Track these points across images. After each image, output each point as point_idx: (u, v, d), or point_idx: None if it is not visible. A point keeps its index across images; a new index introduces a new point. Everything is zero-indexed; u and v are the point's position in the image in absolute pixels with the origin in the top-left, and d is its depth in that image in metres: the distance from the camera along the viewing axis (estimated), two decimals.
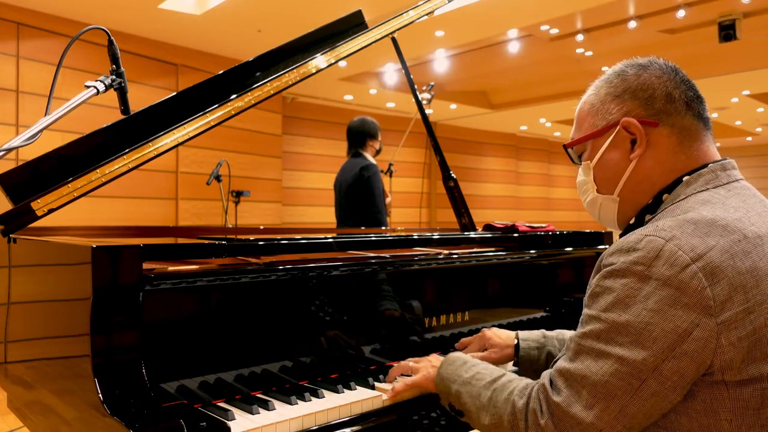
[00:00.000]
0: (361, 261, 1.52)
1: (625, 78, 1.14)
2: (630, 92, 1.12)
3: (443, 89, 10.07)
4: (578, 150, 1.21)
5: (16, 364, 1.46)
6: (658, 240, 0.94)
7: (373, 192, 3.91)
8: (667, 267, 0.91)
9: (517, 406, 1.04)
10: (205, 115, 1.57)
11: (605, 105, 1.15)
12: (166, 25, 7.01)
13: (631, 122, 1.10)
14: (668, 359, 0.90)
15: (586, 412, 0.94)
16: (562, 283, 2.13)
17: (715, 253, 0.92)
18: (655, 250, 0.93)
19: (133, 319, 1.09)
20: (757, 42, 7.80)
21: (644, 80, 1.12)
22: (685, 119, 1.10)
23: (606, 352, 0.95)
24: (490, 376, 1.15)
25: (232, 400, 1.23)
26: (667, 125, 1.09)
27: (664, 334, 0.90)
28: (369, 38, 2.01)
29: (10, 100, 6.30)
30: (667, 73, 1.12)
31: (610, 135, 1.14)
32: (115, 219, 6.70)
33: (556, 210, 15.67)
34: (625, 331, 0.93)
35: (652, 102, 1.10)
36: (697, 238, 0.93)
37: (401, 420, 1.31)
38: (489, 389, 1.12)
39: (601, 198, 1.18)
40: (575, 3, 6.61)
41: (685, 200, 1.04)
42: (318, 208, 10.18)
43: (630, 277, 0.95)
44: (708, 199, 1.02)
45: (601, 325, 0.96)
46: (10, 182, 1.47)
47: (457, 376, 1.19)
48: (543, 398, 1.01)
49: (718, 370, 0.90)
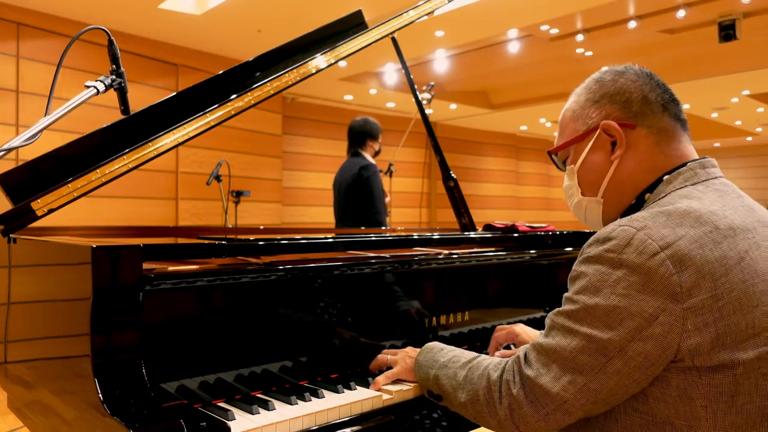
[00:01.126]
0: (361, 261, 1.52)
1: (603, 84, 1.18)
2: (608, 97, 1.16)
3: (443, 89, 10.07)
4: (562, 156, 1.27)
5: (16, 364, 1.46)
6: (629, 229, 0.99)
7: (372, 192, 3.91)
8: (637, 254, 0.96)
9: (492, 378, 1.11)
10: (205, 115, 1.57)
11: (585, 110, 1.19)
12: (166, 25, 7.01)
13: (610, 125, 1.14)
14: (634, 341, 0.95)
15: (554, 383, 1.01)
16: (562, 283, 2.12)
17: (684, 242, 0.95)
18: (626, 239, 0.98)
19: (133, 319, 1.09)
20: (757, 42, 7.80)
21: (621, 85, 1.16)
22: (662, 120, 1.14)
23: (575, 330, 1.01)
24: (465, 358, 1.21)
25: (232, 400, 1.23)
26: (645, 126, 1.14)
27: (630, 316, 0.95)
28: (369, 38, 2.01)
29: (10, 100, 6.30)
30: (642, 77, 1.16)
31: (591, 138, 1.18)
32: (115, 219, 6.70)
33: (556, 210, 15.67)
34: (594, 312, 0.99)
35: (629, 105, 1.14)
36: (668, 228, 0.97)
37: (401, 420, 1.31)
38: (465, 368, 1.18)
39: (585, 200, 1.23)
40: (575, 3, 6.61)
41: (665, 197, 1.08)
42: (318, 208, 10.18)
43: (602, 264, 1.00)
44: (686, 195, 1.06)
45: (573, 306, 1.03)
46: (10, 182, 1.47)
47: (434, 361, 1.26)
48: (516, 370, 1.08)
49: (687, 356, 0.94)
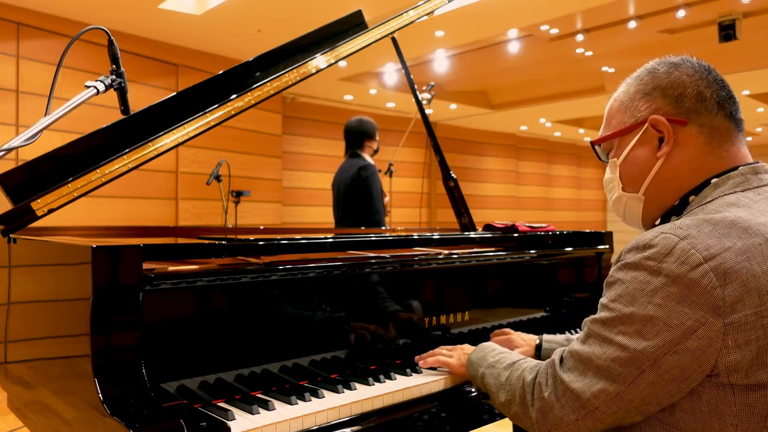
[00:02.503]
0: (361, 261, 1.52)
1: (656, 75, 1.12)
2: (660, 90, 1.11)
3: (443, 89, 10.06)
4: (606, 147, 1.21)
5: (16, 364, 1.46)
6: (672, 237, 0.95)
7: (371, 192, 3.91)
8: (678, 264, 0.92)
9: (527, 380, 1.12)
10: (205, 115, 1.57)
11: (634, 102, 1.14)
12: (166, 25, 7.01)
13: (659, 120, 1.09)
14: (669, 353, 0.92)
15: (586, 389, 1.00)
16: (562, 283, 2.13)
17: (731, 254, 0.91)
18: (667, 247, 0.94)
19: (133, 319, 1.09)
20: (757, 42, 7.79)
21: (675, 78, 1.10)
22: (716, 119, 1.08)
23: (609, 339, 0.99)
24: (510, 359, 1.23)
25: (232, 400, 1.23)
26: (696, 124, 1.08)
27: (667, 328, 0.92)
28: (369, 38, 2.01)
29: (10, 100, 6.30)
30: (699, 71, 1.11)
31: (637, 133, 1.13)
32: (115, 219, 6.69)
33: (556, 210, 15.66)
34: (630, 321, 0.96)
35: (682, 100, 1.09)
36: (713, 238, 0.93)
37: (401, 420, 1.31)
38: (508, 370, 1.19)
39: (626, 196, 1.17)
40: (575, 3, 6.60)
41: (712, 202, 1.03)
42: (318, 208, 10.17)
43: (640, 271, 0.96)
44: (734, 202, 1.01)
45: (609, 313, 1.00)
46: (10, 182, 1.46)
47: (484, 360, 1.28)
48: (551, 373, 1.07)
49: (723, 372, 0.90)
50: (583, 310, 2.14)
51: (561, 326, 2.02)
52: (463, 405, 1.44)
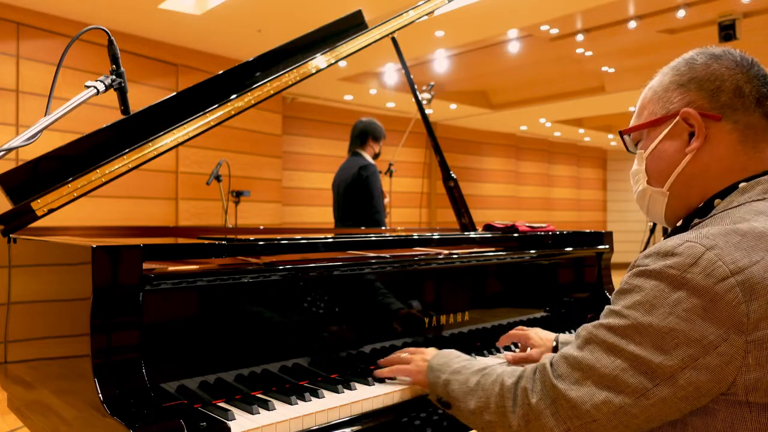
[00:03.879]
0: (361, 261, 1.52)
1: (693, 66, 1.07)
2: (696, 82, 1.05)
3: (443, 89, 10.06)
4: (635, 138, 1.16)
5: (16, 364, 1.46)
6: (698, 247, 0.90)
7: (371, 192, 3.91)
8: (703, 276, 0.87)
9: (506, 384, 1.04)
10: (205, 115, 1.57)
11: (668, 93, 1.08)
12: (166, 25, 7.01)
13: (690, 113, 1.04)
14: (687, 368, 0.88)
15: (586, 399, 0.94)
16: (562, 283, 2.13)
17: (759, 268, 0.87)
18: (693, 257, 0.89)
19: (133, 319, 1.09)
20: (757, 42, 7.79)
21: (714, 70, 1.04)
22: (753, 117, 1.02)
23: (620, 348, 0.93)
24: (479, 365, 1.16)
25: (232, 400, 1.23)
26: (731, 121, 1.02)
27: (687, 342, 0.87)
28: (369, 38, 2.01)
29: (10, 100, 6.30)
30: (740, 66, 1.05)
31: (668, 125, 1.07)
32: (115, 219, 6.69)
33: (556, 210, 15.66)
34: (646, 332, 0.91)
35: (718, 94, 1.03)
36: (741, 250, 0.89)
37: (401, 420, 1.31)
38: (478, 375, 1.12)
39: (650, 190, 1.12)
40: (575, 3, 6.60)
41: (738, 208, 0.98)
42: (318, 208, 10.17)
43: (662, 280, 0.91)
44: (763, 210, 0.96)
45: (622, 320, 0.94)
46: (10, 182, 1.47)
47: (447, 366, 1.21)
48: (539, 378, 1.01)
49: (741, 390, 0.87)
50: (583, 310, 2.15)
51: (561, 326, 2.01)
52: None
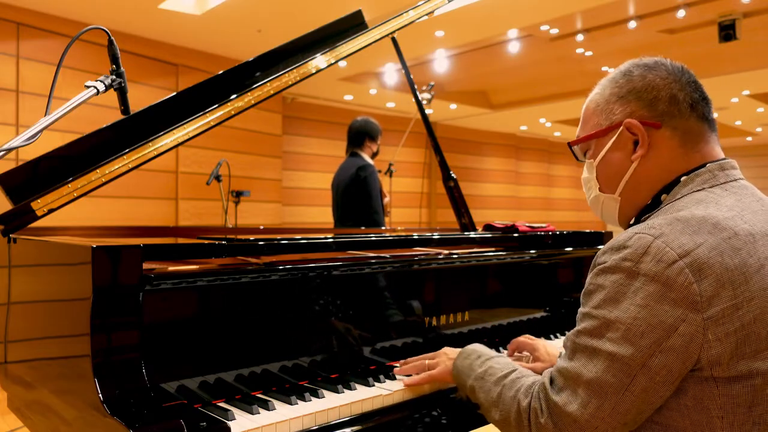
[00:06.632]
0: (361, 261, 1.52)
1: (631, 78, 1.14)
2: (634, 93, 1.12)
3: (443, 89, 10.07)
4: (583, 148, 1.22)
5: (16, 364, 1.46)
6: (646, 237, 0.96)
7: (369, 192, 3.91)
8: (655, 263, 0.93)
9: (522, 405, 1.07)
10: (205, 115, 1.57)
11: (609, 105, 1.15)
12: (166, 25, 7.01)
13: (633, 123, 1.11)
14: (655, 354, 0.92)
15: (582, 410, 0.97)
16: (562, 283, 2.13)
17: (703, 249, 0.93)
18: (643, 247, 0.95)
19: (133, 319, 1.09)
20: (757, 42, 7.80)
21: (649, 81, 1.11)
22: (689, 121, 1.10)
23: (598, 349, 0.97)
24: (500, 372, 1.17)
25: (232, 400, 1.23)
26: (670, 127, 1.09)
27: (650, 329, 0.92)
28: (369, 38, 2.01)
29: (10, 100, 6.30)
30: (672, 74, 1.12)
31: (613, 135, 1.14)
32: (115, 219, 6.69)
33: (556, 210, 15.66)
34: (615, 327, 0.95)
35: (655, 104, 1.10)
36: (686, 235, 0.95)
37: (401, 419, 1.31)
38: (499, 385, 1.15)
39: (603, 196, 1.19)
40: (575, 3, 6.60)
41: (681, 200, 1.05)
42: (318, 208, 10.17)
43: (619, 274, 0.97)
44: (702, 199, 1.03)
45: (594, 321, 0.99)
46: (10, 182, 1.47)
47: (471, 370, 1.23)
48: (543, 397, 1.04)
49: (706, 366, 0.92)
50: None
51: (561, 326, 2.02)
52: (464, 405, 1.44)
